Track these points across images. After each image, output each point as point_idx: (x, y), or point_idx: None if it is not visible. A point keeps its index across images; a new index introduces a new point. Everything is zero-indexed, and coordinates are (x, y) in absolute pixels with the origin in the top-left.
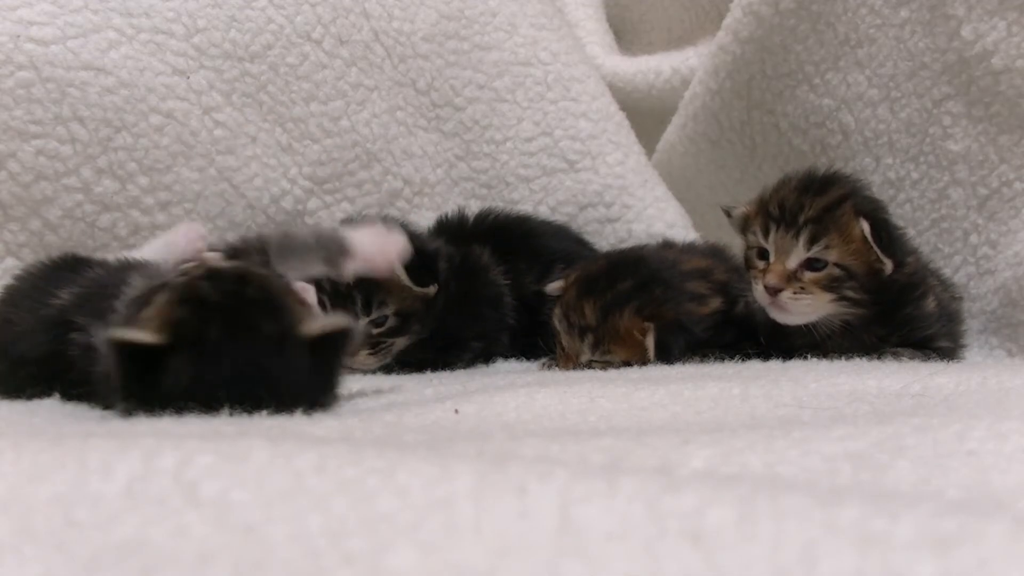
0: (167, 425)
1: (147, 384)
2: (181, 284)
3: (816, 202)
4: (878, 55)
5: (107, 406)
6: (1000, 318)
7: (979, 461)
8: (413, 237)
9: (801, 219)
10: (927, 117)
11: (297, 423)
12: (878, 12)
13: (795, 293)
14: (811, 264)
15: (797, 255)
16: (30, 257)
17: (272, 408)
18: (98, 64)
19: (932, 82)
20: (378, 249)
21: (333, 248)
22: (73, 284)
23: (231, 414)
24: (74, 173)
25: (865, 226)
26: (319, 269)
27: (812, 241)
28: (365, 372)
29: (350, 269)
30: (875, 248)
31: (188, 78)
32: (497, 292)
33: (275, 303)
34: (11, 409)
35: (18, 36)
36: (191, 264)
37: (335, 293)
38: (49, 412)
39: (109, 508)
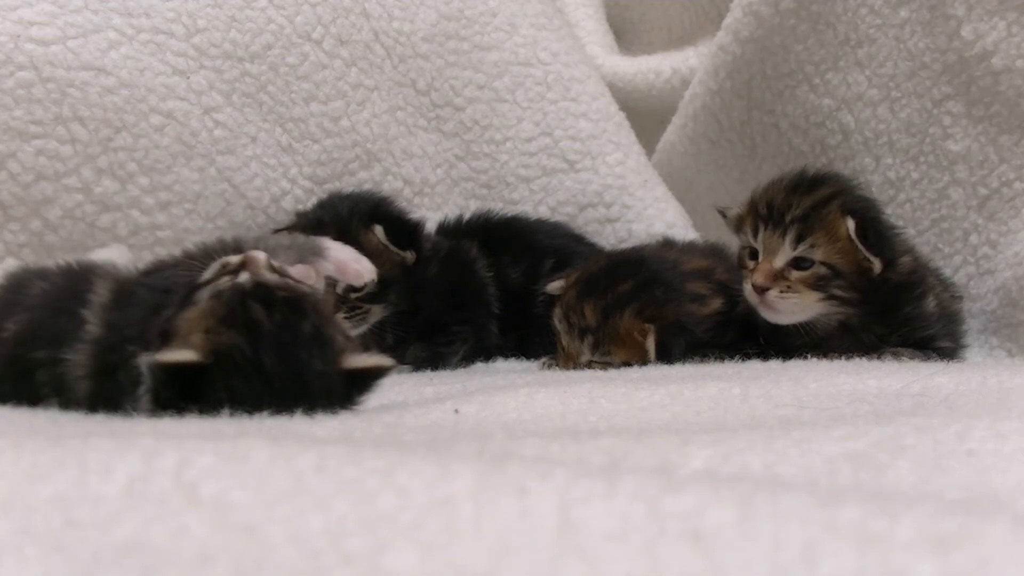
0: (167, 425)
1: (184, 395)
2: (230, 300)
3: (803, 201)
4: (878, 55)
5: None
6: (1000, 318)
7: (979, 461)
8: (396, 209)
9: (788, 218)
10: (927, 117)
11: (297, 423)
12: (878, 12)
13: (782, 292)
14: (798, 263)
15: (784, 254)
16: (30, 257)
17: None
18: (98, 64)
19: (932, 82)
20: (352, 258)
21: (307, 250)
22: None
23: (231, 415)
24: (74, 173)
25: (850, 224)
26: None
27: (798, 240)
28: None
29: (322, 270)
30: (860, 247)
31: (188, 78)
32: (481, 282)
33: (324, 338)
34: (11, 409)
35: (18, 36)
36: (234, 260)
37: None
38: (49, 412)
39: (109, 508)
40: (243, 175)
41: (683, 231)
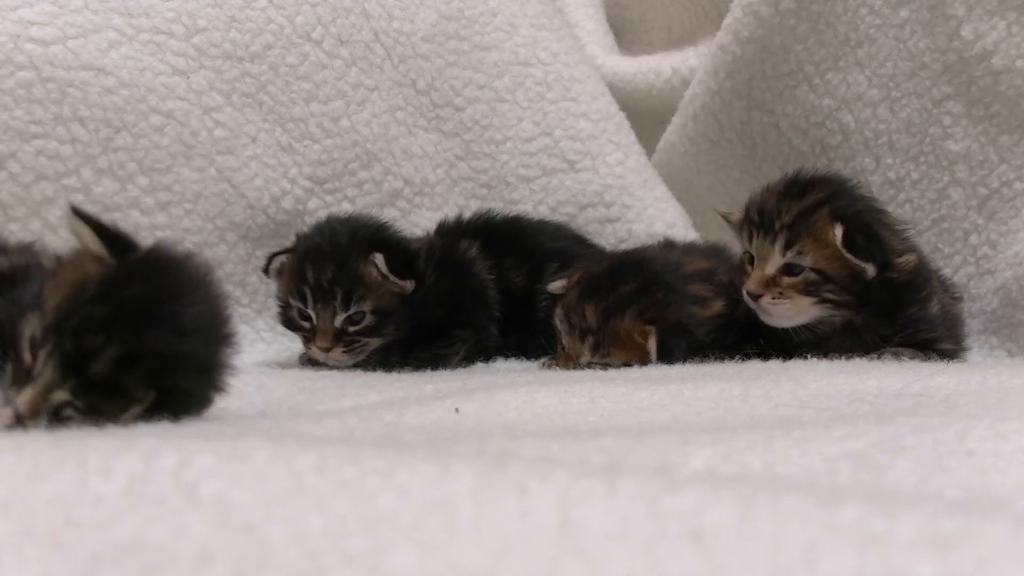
0: (167, 426)
1: None
2: None
3: (792, 207)
4: (878, 55)
5: None
6: (1000, 318)
7: (979, 461)
8: (396, 236)
9: (777, 225)
10: (927, 117)
11: (297, 423)
12: (878, 12)
13: (774, 298)
14: (789, 269)
15: (774, 261)
16: None
17: None
18: (98, 64)
19: (932, 82)
20: None
21: None
22: None
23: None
24: (74, 173)
25: (838, 232)
26: None
27: (787, 247)
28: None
29: None
30: (848, 256)
31: (188, 78)
32: (481, 285)
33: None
34: None
35: (18, 36)
36: None
37: (316, 288)
38: None
39: (109, 508)
40: (243, 175)
41: (683, 231)
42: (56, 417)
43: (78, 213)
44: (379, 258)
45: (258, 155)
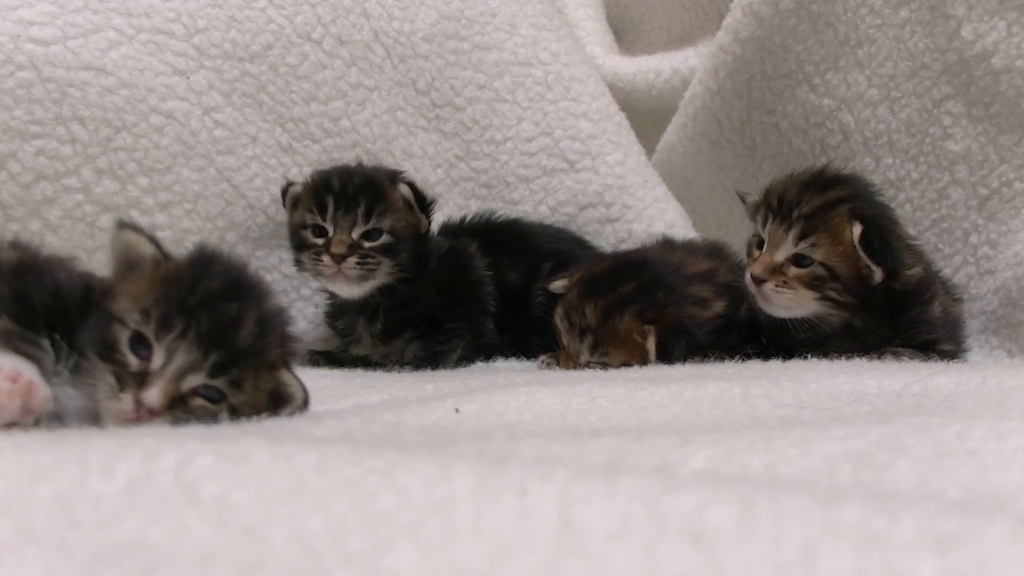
0: (167, 426)
1: None
2: None
3: (813, 199)
4: (878, 55)
5: None
6: (1000, 318)
7: (979, 461)
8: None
9: (795, 214)
10: (927, 117)
11: (297, 424)
12: (878, 12)
13: (777, 286)
14: (798, 259)
15: (785, 249)
16: None
17: None
18: (98, 64)
19: (932, 82)
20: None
21: None
22: None
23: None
24: (74, 173)
25: (856, 230)
26: None
27: (801, 237)
28: (348, 285)
29: None
30: (862, 254)
31: (188, 78)
32: (478, 280)
33: None
34: None
35: (18, 36)
36: None
37: (341, 194)
38: None
39: (109, 508)
40: (243, 175)
41: (683, 231)
42: (183, 409)
43: (129, 225)
44: (405, 187)
45: (258, 155)
